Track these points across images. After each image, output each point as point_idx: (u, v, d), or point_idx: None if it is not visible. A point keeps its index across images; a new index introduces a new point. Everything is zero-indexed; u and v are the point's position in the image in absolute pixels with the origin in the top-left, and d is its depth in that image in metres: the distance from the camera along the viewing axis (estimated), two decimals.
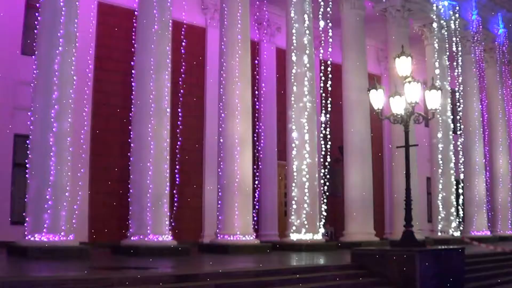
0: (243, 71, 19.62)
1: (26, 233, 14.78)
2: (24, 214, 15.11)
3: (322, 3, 22.07)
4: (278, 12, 24.40)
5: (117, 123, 20.52)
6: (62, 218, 15.06)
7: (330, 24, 22.23)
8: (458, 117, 29.49)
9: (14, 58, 19.50)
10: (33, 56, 16.09)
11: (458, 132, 29.19)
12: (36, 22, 16.15)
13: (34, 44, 16.18)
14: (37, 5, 16.49)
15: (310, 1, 21.78)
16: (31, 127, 15.41)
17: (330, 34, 22.37)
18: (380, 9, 26.09)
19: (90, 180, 20.20)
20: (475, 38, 30.50)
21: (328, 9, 22.20)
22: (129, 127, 17.67)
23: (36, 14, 16.26)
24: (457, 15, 28.74)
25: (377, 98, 16.71)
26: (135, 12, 18.31)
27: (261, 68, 24.94)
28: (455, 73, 29.05)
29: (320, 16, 22.12)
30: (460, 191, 28.14)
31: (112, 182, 20.64)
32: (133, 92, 17.68)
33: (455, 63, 28.98)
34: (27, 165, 15.31)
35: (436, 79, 25.80)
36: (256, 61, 22.97)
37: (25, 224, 14.91)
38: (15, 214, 18.39)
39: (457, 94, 29.44)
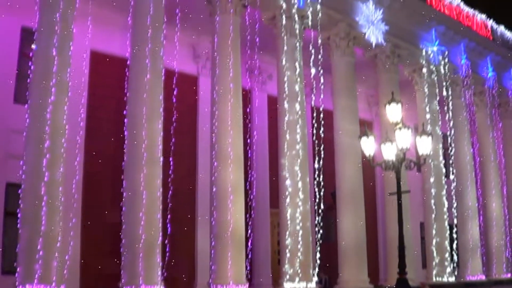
0: (235, 120, 19.67)
1: (17, 283, 14.71)
2: (15, 264, 14.99)
3: (313, 51, 22.26)
4: (269, 60, 24.53)
5: (109, 172, 20.46)
6: (53, 268, 15.03)
7: (321, 71, 22.40)
8: (450, 161, 29.57)
9: (7, 107, 19.56)
10: (25, 105, 16.22)
11: (451, 177, 29.23)
12: (29, 71, 16.30)
13: (26, 92, 16.37)
14: (30, 54, 16.66)
15: (301, 49, 21.98)
16: (23, 176, 15.48)
17: (322, 81, 22.54)
18: (370, 56, 26.35)
19: (82, 230, 20.04)
20: (465, 82, 30.75)
21: (319, 56, 22.39)
22: (122, 176, 17.58)
23: (29, 63, 16.41)
24: (446, 60, 29.00)
25: (368, 145, 16.89)
26: (128, 62, 18.44)
27: (253, 116, 25.01)
28: (446, 118, 29.25)
29: (311, 63, 22.27)
30: (454, 235, 28.09)
31: (104, 232, 20.47)
32: (126, 141, 17.68)
33: (445, 108, 29.21)
34: (18, 214, 15.28)
35: (427, 124, 26.09)
36: (248, 109, 23.03)
37: (16, 274, 14.83)
38: (7, 263, 18.21)
39: (449, 138, 29.55)
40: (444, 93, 29.01)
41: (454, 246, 27.84)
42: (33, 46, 16.52)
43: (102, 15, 20.63)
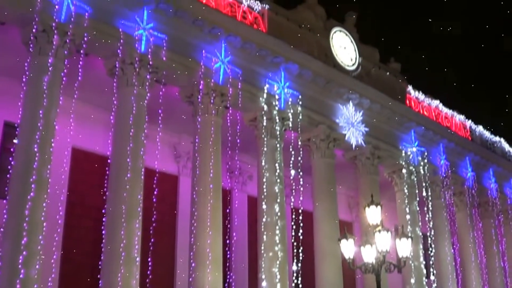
0: (215, 220, 19.65)
1: None
2: None
3: (293, 152, 22.48)
4: (249, 161, 24.76)
5: (87, 271, 20.22)
6: None
7: (301, 173, 22.52)
8: (431, 262, 29.38)
9: None
10: (4, 200, 16.17)
11: (432, 277, 28.97)
12: (9, 166, 16.32)
13: (6, 188, 16.30)
14: (12, 148, 16.75)
15: (281, 151, 22.22)
16: None
17: (302, 182, 22.62)
18: (350, 157, 26.59)
19: None
20: (445, 182, 30.89)
21: (299, 157, 22.58)
22: (98, 275, 17.42)
23: (10, 157, 16.45)
24: (425, 160, 29.24)
25: (348, 248, 16.83)
26: (109, 160, 18.52)
27: (233, 216, 24.95)
28: (426, 218, 29.23)
29: (291, 164, 22.42)
30: None
31: None
32: (103, 240, 17.62)
33: (425, 208, 29.25)
34: None
35: (407, 225, 26.04)
36: (227, 209, 23.03)
37: None
38: None
39: (429, 238, 29.46)
40: (424, 193, 29.12)
41: None
42: (15, 141, 16.65)
43: (85, 112, 20.87)
